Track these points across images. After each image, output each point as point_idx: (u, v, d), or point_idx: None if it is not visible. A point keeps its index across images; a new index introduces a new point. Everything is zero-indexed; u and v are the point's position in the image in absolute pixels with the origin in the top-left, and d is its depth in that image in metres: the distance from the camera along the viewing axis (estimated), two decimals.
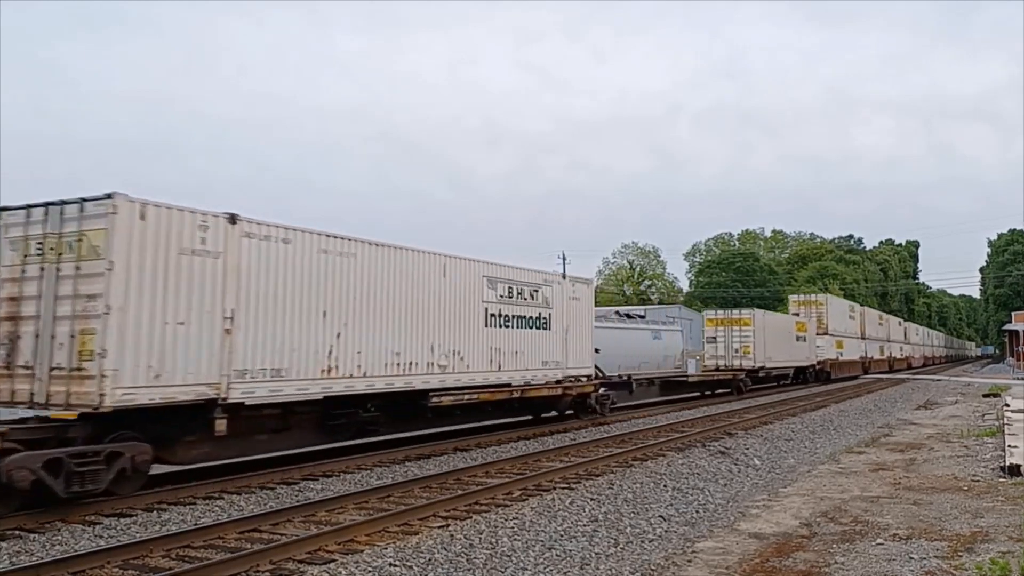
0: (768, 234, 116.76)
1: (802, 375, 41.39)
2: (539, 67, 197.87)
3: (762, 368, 35.04)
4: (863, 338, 54.76)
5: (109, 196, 9.90)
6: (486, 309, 16.95)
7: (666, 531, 9.19)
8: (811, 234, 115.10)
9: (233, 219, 11.35)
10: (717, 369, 34.68)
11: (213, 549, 8.03)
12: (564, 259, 70.13)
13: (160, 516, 9.57)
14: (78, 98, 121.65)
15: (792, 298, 49.71)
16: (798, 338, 40.29)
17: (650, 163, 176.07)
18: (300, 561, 7.58)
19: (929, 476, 12.62)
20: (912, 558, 7.71)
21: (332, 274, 13.01)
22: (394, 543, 8.20)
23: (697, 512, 10.22)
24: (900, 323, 73.97)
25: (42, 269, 10.25)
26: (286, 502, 10.34)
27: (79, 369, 9.72)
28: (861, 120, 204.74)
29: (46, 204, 10.37)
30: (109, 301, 9.69)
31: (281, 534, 8.60)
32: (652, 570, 7.51)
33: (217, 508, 10.11)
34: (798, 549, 8.19)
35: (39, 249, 10.33)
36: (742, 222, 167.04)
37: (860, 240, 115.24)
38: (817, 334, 43.49)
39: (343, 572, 7.22)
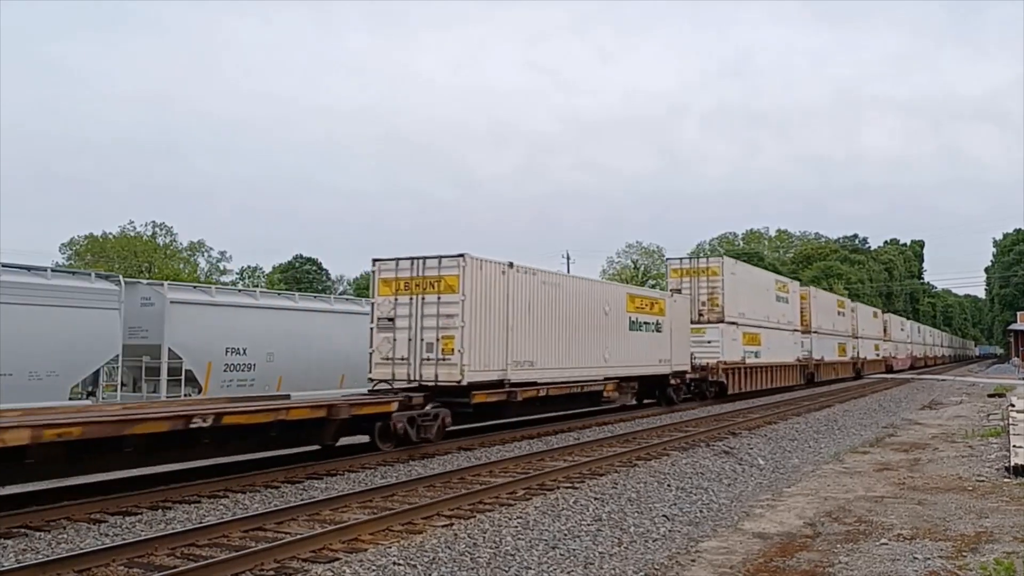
0: (772, 234, 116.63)
1: (656, 390, 25.81)
2: (545, 67, 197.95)
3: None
4: (807, 331, 40.20)
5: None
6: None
7: (670, 530, 9.19)
8: (816, 234, 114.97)
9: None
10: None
11: (218, 547, 8.05)
12: (568, 258, 70.16)
13: (165, 514, 9.59)
14: (82, 97, 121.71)
15: (671, 264, 31.14)
16: (638, 327, 23.40)
17: (656, 163, 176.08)
18: (304, 560, 7.59)
19: (933, 476, 12.60)
20: (916, 558, 7.71)
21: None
22: (398, 542, 8.21)
23: (701, 512, 10.22)
24: (876, 314, 61.54)
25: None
26: (290, 501, 10.36)
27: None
28: (868, 120, 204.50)
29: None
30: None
31: (285, 533, 8.62)
32: (656, 570, 7.51)
33: (222, 507, 10.14)
34: (802, 549, 8.19)
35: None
36: (747, 222, 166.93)
37: (865, 240, 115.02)
38: (708, 322, 29.20)
39: (347, 571, 7.23)
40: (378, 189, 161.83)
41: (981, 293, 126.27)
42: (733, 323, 29.89)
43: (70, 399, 17.30)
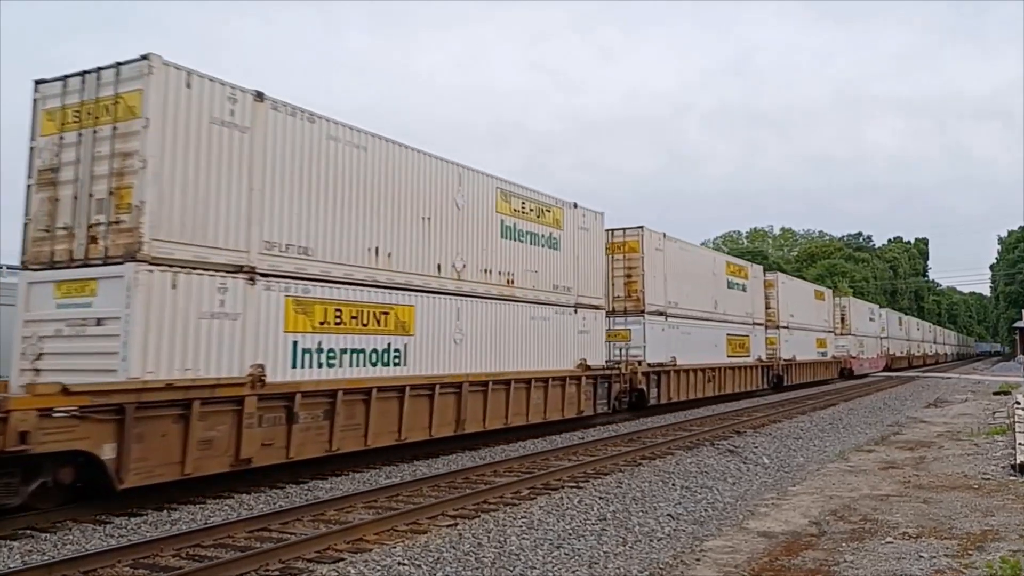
0: (777, 232, 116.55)
1: None
2: (548, 67, 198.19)
3: None
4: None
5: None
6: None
7: (675, 530, 9.17)
8: (820, 232, 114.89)
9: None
10: None
11: (223, 548, 8.06)
12: None
13: (170, 515, 9.61)
14: None
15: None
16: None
17: (657, 163, 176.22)
18: (309, 560, 7.60)
19: (939, 474, 12.57)
20: (922, 557, 7.68)
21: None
22: (403, 542, 8.22)
23: (706, 511, 10.20)
24: (838, 300, 48.71)
25: None
26: (295, 501, 10.37)
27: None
28: (872, 119, 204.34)
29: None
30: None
31: (290, 533, 8.63)
32: (661, 569, 7.50)
33: (227, 507, 10.15)
34: (807, 548, 8.17)
35: None
36: (751, 220, 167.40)
37: (869, 238, 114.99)
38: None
39: (352, 571, 7.23)
40: None
41: (986, 290, 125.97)
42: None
43: None
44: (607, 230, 22.15)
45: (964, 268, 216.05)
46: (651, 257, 23.89)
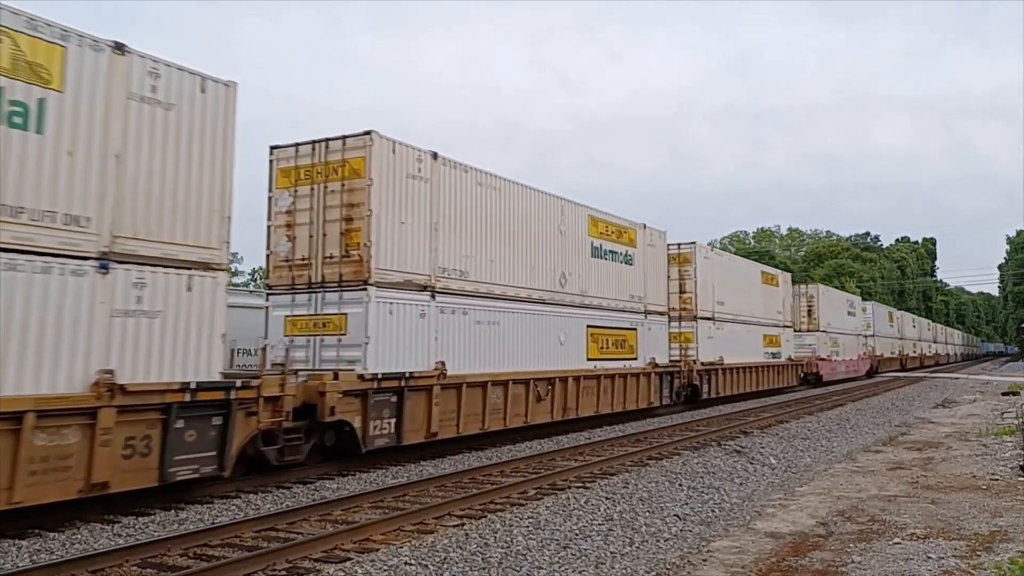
0: (784, 232, 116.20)
1: None
2: (552, 66, 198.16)
3: None
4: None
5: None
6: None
7: (681, 530, 9.16)
8: (827, 232, 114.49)
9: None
10: None
11: (230, 548, 8.08)
12: None
13: (178, 515, 9.64)
14: None
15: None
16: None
17: (664, 161, 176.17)
18: (316, 560, 7.61)
19: (947, 475, 12.52)
20: (930, 557, 7.66)
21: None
22: (409, 542, 8.23)
23: (713, 511, 10.19)
24: (775, 279, 34.57)
25: None
26: (302, 501, 10.39)
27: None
28: (877, 118, 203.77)
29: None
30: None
31: (297, 533, 8.65)
32: (667, 569, 7.49)
33: (234, 507, 10.18)
34: (815, 548, 8.15)
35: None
36: (757, 220, 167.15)
37: (877, 238, 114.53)
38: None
39: (359, 571, 7.24)
40: None
41: (994, 291, 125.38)
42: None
43: None
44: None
45: (971, 268, 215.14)
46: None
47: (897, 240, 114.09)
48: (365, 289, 13.03)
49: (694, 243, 27.03)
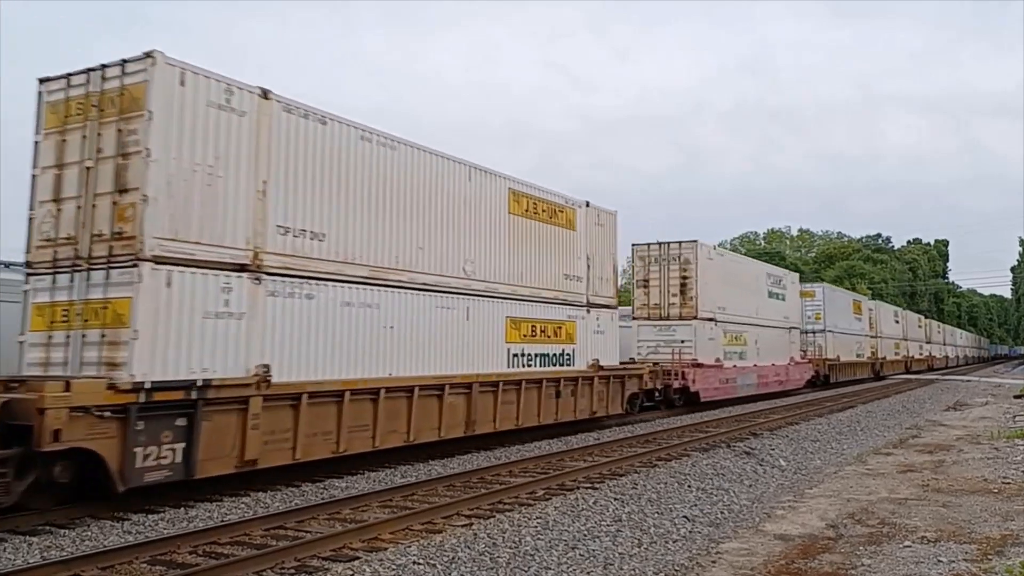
0: (795, 233, 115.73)
1: None
2: (562, 65, 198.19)
3: None
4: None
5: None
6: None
7: (690, 532, 9.14)
8: (838, 233, 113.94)
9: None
10: None
11: (239, 546, 8.11)
12: None
13: (187, 513, 9.68)
14: None
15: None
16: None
17: (674, 161, 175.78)
18: (325, 558, 7.63)
19: (958, 478, 12.44)
20: (940, 561, 7.61)
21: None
22: (418, 541, 8.23)
23: (722, 513, 10.16)
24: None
25: None
26: (311, 500, 10.42)
27: None
28: (888, 117, 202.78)
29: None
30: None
31: (306, 531, 8.67)
32: (676, 571, 7.48)
33: (243, 505, 10.21)
34: (824, 551, 8.12)
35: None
36: (767, 220, 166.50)
37: (888, 239, 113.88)
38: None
39: (367, 570, 7.26)
40: None
41: (1007, 292, 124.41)
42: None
43: None
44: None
45: (984, 270, 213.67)
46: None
47: (909, 242, 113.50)
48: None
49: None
